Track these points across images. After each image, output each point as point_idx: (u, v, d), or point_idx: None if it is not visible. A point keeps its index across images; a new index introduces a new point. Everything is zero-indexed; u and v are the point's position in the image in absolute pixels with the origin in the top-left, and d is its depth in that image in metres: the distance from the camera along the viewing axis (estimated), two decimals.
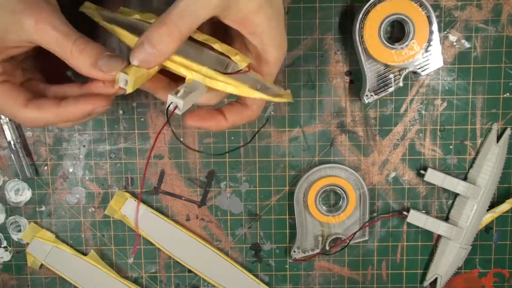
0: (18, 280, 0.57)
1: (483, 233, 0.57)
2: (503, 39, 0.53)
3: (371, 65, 0.51)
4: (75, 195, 0.56)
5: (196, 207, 0.56)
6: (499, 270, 0.57)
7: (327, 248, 0.55)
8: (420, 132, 0.55)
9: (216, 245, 0.57)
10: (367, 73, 0.51)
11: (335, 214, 0.55)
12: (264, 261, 0.57)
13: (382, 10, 0.50)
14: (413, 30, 0.50)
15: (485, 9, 0.53)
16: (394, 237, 0.57)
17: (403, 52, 0.50)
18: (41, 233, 0.56)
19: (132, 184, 0.56)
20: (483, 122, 0.55)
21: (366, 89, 0.51)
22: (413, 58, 0.50)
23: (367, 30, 0.50)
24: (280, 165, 0.55)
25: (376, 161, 0.55)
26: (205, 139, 0.55)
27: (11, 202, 0.55)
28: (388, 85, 0.51)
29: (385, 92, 0.51)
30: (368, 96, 0.51)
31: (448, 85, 0.54)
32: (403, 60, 0.50)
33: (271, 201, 0.56)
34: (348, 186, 0.54)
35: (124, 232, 0.56)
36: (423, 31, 0.50)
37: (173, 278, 0.57)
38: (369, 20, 0.50)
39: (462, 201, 0.55)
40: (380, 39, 0.50)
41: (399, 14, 0.50)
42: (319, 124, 0.55)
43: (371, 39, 0.50)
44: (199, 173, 0.55)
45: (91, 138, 0.55)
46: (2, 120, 0.53)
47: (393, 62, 0.50)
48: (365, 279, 0.57)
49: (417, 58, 0.51)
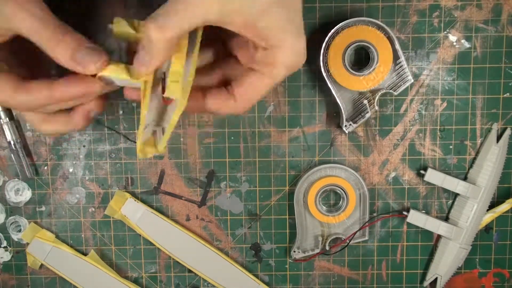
0: (18, 280, 0.57)
1: (483, 233, 0.57)
2: (503, 39, 0.53)
3: (344, 94, 0.52)
4: (75, 195, 0.56)
5: (196, 207, 0.56)
6: (499, 270, 0.57)
7: (327, 248, 0.55)
8: (420, 132, 0.55)
9: (216, 245, 0.57)
10: (341, 103, 0.51)
11: (335, 214, 0.55)
12: (264, 261, 0.57)
13: (341, 41, 0.50)
14: (376, 54, 0.50)
15: (485, 9, 0.53)
16: (394, 237, 0.57)
17: (371, 76, 0.51)
18: (41, 233, 0.56)
19: (132, 184, 0.56)
20: (483, 122, 0.55)
21: (344, 119, 0.51)
22: (383, 80, 0.51)
23: (331, 61, 0.50)
24: (280, 165, 0.55)
25: (376, 161, 0.55)
26: (205, 139, 0.55)
27: (11, 202, 0.55)
28: (364, 111, 0.51)
29: (363, 119, 0.51)
30: (347, 126, 0.52)
31: (448, 85, 0.54)
32: (372, 84, 0.51)
33: (271, 201, 0.56)
34: (348, 186, 0.54)
35: (124, 232, 0.56)
36: (387, 53, 0.50)
37: (173, 278, 0.57)
38: (332, 52, 0.50)
39: (462, 201, 0.55)
40: (346, 68, 0.50)
41: (359, 41, 0.50)
42: (319, 124, 0.55)
43: (337, 69, 0.51)
44: (199, 173, 0.56)
45: (91, 138, 0.55)
46: (2, 120, 0.53)
47: (363, 88, 0.51)
48: (365, 279, 0.57)
49: (386, 79, 0.51)
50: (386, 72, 0.51)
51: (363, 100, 0.51)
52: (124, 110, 0.54)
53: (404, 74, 0.51)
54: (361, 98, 0.52)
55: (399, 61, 0.51)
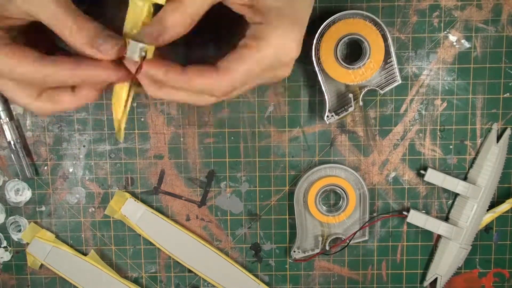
0: (18, 280, 0.57)
1: (483, 233, 0.57)
2: (503, 39, 0.53)
3: (331, 85, 0.51)
4: (75, 195, 0.56)
5: (196, 207, 0.56)
6: (499, 270, 0.57)
7: (327, 248, 0.55)
8: (420, 132, 0.55)
9: (216, 245, 0.57)
10: (326, 93, 0.51)
11: (335, 214, 0.55)
12: (264, 261, 0.57)
13: (336, 31, 0.50)
14: (369, 49, 0.50)
15: (485, 9, 0.53)
16: (394, 237, 0.57)
17: (360, 71, 0.50)
18: (41, 233, 0.56)
19: (132, 184, 0.56)
20: (483, 122, 0.55)
21: (326, 109, 0.51)
22: (371, 77, 0.51)
23: (323, 50, 0.50)
24: (280, 165, 0.55)
25: (376, 161, 0.55)
26: (205, 139, 0.55)
27: (11, 202, 0.55)
28: (348, 104, 0.51)
29: (345, 112, 0.51)
30: (328, 116, 0.51)
31: (448, 85, 0.54)
32: (361, 79, 0.50)
33: (271, 201, 0.56)
34: (348, 186, 0.54)
35: (124, 232, 0.56)
36: (379, 50, 0.50)
37: (173, 278, 0.57)
38: (325, 41, 0.50)
39: (462, 201, 0.55)
40: (337, 60, 0.50)
41: (354, 35, 0.50)
42: (319, 124, 0.55)
43: (328, 60, 0.50)
44: (199, 173, 0.55)
45: (91, 138, 0.55)
46: (2, 120, 0.53)
47: (351, 82, 0.51)
48: (365, 279, 0.57)
49: (375, 77, 0.51)
50: (376, 69, 0.50)
51: (349, 94, 0.51)
52: None
53: (393, 74, 0.51)
54: (347, 92, 0.51)
55: (390, 61, 0.51)
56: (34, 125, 0.54)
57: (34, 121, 0.54)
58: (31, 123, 0.54)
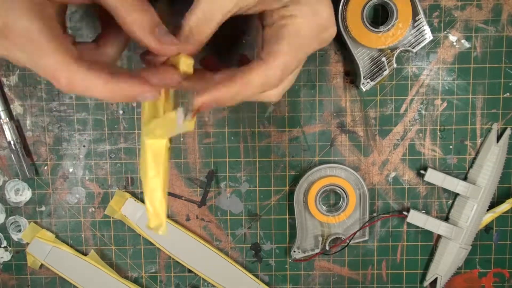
0: (18, 280, 0.57)
1: (483, 233, 0.57)
2: (503, 39, 0.53)
3: (361, 52, 0.51)
4: (75, 195, 0.56)
5: (196, 207, 0.56)
6: (499, 270, 0.57)
7: (327, 248, 0.55)
8: (420, 132, 0.55)
9: (216, 245, 0.57)
10: (359, 61, 0.51)
11: (335, 214, 0.55)
12: (264, 261, 0.57)
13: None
14: (395, 10, 0.49)
15: (485, 9, 0.53)
16: (394, 237, 0.57)
17: (390, 33, 0.49)
18: (41, 233, 0.56)
19: (132, 184, 0.56)
20: (483, 122, 0.55)
21: (361, 77, 0.51)
22: (402, 37, 0.50)
23: (350, 18, 0.49)
24: (280, 165, 0.55)
25: (376, 161, 0.55)
26: (205, 139, 0.55)
27: (11, 202, 0.55)
28: (382, 68, 0.51)
29: (380, 77, 0.50)
30: (364, 84, 0.51)
31: (448, 85, 0.54)
32: (391, 41, 0.50)
33: (271, 201, 0.56)
34: (348, 186, 0.54)
35: (124, 232, 0.56)
36: (406, 9, 0.49)
37: (173, 278, 0.57)
38: (351, 7, 0.49)
39: (462, 201, 0.55)
40: (365, 25, 0.49)
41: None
42: (319, 124, 0.55)
43: (356, 26, 0.49)
44: (199, 173, 0.56)
45: (91, 138, 0.55)
46: (2, 120, 0.53)
47: (382, 46, 0.50)
48: (365, 279, 0.57)
49: (406, 37, 0.50)
50: (406, 28, 0.49)
51: (381, 58, 0.50)
52: (124, 110, 0.54)
53: (423, 31, 0.50)
54: (379, 56, 0.51)
55: (419, 17, 0.50)
56: (34, 125, 0.54)
57: (34, 121, 0.54)
58: (31, 123, 0.54)
